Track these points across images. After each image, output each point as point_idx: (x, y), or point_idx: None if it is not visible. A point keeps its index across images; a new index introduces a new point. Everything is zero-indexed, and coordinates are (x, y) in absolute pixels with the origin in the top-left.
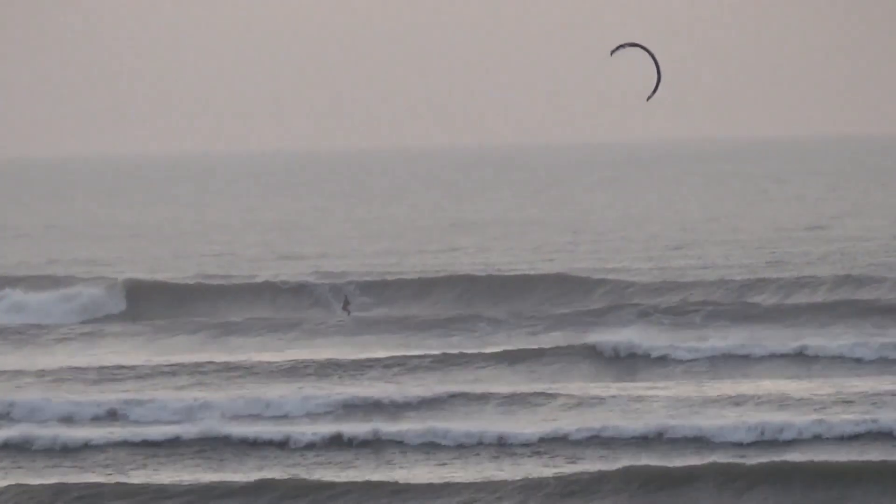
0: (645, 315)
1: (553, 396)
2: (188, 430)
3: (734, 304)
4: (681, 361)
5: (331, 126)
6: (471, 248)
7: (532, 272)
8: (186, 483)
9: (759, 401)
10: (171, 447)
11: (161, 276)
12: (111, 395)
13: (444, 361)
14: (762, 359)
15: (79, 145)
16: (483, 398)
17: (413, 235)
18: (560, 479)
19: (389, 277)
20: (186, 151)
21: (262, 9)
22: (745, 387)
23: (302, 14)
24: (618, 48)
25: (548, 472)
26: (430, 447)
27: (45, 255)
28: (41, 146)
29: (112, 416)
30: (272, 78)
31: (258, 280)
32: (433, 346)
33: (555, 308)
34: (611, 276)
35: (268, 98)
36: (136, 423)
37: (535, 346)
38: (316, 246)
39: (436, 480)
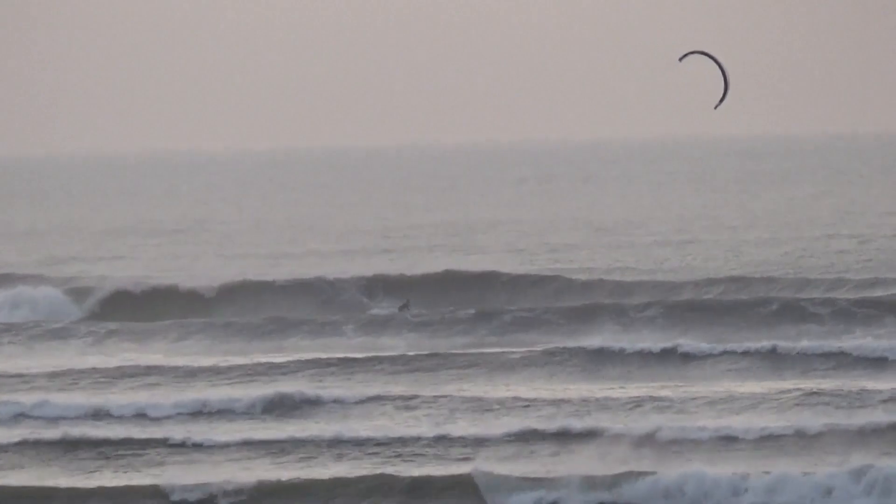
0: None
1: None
2: None
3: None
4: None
5: (341, 123)
6: (464, 246)
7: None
8: None
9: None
10: None
11: (150, 279)
12: None
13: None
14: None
15: (72, 144)
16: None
17: (402, 235)
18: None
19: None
20: (177, 150)
21: (261, 4)
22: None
23: (301, 9)
24: (686, 55)
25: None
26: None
27: (37, 253)
28: (23, 146)
29: None
30: (269, 75)
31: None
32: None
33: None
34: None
35: (265, 95)
36: None
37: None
38: (311, 244)
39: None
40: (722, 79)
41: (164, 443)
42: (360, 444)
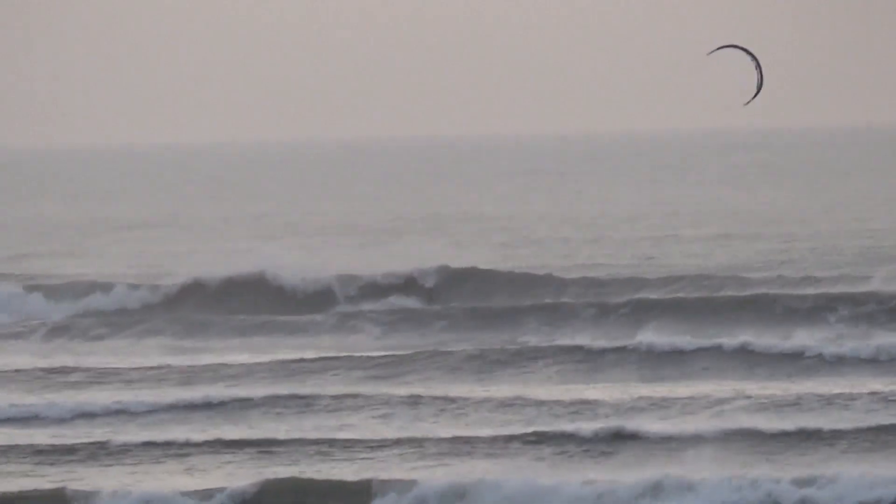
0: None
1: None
2: None
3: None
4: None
5: (327, 116)
6: (442, 240)
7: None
8: None
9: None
10: None
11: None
12: None
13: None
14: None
15: (50, 138)
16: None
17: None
18: None
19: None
20: (161, 143)
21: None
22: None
23: (293, 1)
24: (717, 49)
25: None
26: None
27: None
28: (26, 139)
29: None
30: (262, 69)
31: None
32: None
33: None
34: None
35: (258, 88)
36: None
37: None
38: (288, 238)
39: None
40: (757, 74)
41: (93, 445)
42: (301, 444)
